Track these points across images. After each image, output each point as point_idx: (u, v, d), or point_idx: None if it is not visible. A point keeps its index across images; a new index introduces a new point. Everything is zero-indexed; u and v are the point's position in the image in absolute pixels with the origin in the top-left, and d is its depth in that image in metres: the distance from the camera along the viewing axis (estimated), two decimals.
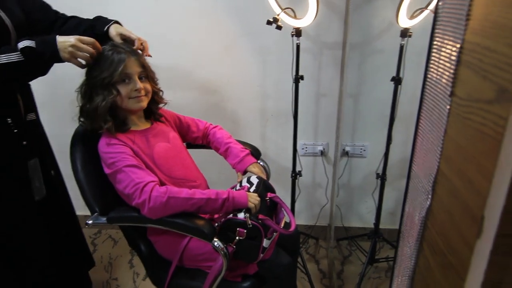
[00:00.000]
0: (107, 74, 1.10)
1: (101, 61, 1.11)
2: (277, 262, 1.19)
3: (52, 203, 1.40)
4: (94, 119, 1.13)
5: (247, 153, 1.34)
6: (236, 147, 1.35)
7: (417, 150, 0.66)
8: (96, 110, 1.11)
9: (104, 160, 1.10)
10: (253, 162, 1.33)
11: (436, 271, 0.57)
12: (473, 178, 0.46)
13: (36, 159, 1.33)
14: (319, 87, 1.87)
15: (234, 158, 1.34)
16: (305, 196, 2.06)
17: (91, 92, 1.12)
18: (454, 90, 0.53)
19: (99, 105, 1.10)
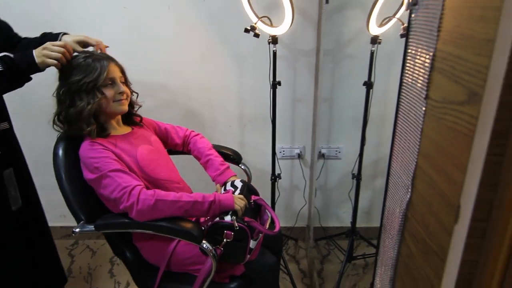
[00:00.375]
0: (91, 79, 1.12)
1: (80, 67, 1.13)
2: (262, 263, 1.23)
3: (28, 214, 1.38)
4: (77, 123, 1.14)
5: (227, 167, 1.37)
6: (216, 160, 1.38)
7: (396, 149, 0.72)
8: (80, 114, 1.12)
9: (87, 165, 1.10)
10: (233, 175, 1.36)
11: (418, 257, 0.62)
12: (449, 171, 0.52)
13: (11, 169, 1.31)
14: (295, 93, 1.93)
15: (215, 171, 1.37)
16: (283, 199, 2.11)
17: (73, 96, 1.13)
18: (429, 94, 0.59)
19: (84, 108, 1.12)
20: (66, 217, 2.23)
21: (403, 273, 0.70)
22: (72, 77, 1.13)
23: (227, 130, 1.99)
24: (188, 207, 1.08)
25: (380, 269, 0.81)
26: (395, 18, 1.52)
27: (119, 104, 1.20)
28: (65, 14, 1.77)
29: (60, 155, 1.18)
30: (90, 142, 1.13)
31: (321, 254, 2.06)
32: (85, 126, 1.14)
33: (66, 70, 1.14)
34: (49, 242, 1.54)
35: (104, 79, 1.14)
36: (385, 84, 1.82)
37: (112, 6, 1.76)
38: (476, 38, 0.46)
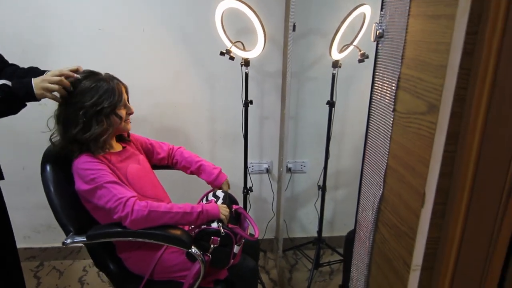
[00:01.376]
0: (109, 103, 1.17)
1: (95, 89, 1.17)
2: (244, 266, 1.32)
3: None
4: (88, 144, 1.19)
5: (219, 170, 1.48)
6: (209, 165, 1.49)
7: (367, 154, 0.87)
8: (97, 137, 1.18)
9: (83, 177, 1.15)
10: (226, 178, 1.47)
11: (391, 241, 0.76)
12: (415, 166, 0.66)
13: None
14: (263, 111, 2.07)
15: (210, 176, 1.47)
16: (253, 211, 2.21)
17: (89, 120, 1.17)
18: (396, 107, 0.74)
19: (102, 131, 1.19)
20: (31, 238, 2.17)
21: (378, 258, 0.83)
22: (88, 100, 1.16)
23: (199, 146, 2.08)
24: (178, 218, 1.16)
25: (355, 260, 0.94)
26: (353, 45, 1.73)
27: (127, 124, 1.29)
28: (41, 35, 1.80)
29: (48, 170, 1.21)
30: (86, 156, 1.18)
31: (290, 263, 2.18)
32: (93, 146, 1.19)
33: (77, 92, 1.17)
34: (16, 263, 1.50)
35: (122, 101, 1.22)
36: (344, 103, 2.01)
37: (87, 27, 1.81)
38: (432, 64, 0.61)
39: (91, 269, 2.14)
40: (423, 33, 0.64)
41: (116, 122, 1.24)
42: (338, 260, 2.10)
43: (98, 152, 1.21)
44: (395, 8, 0.74)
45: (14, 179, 1.33)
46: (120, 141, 1.37)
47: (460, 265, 0.65)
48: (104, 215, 1.21)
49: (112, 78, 1.23)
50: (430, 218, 0.65)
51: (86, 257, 2.22)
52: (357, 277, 0.94)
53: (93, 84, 1.17)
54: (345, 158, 2.16)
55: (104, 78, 1.21)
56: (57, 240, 2.21)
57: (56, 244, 2.20)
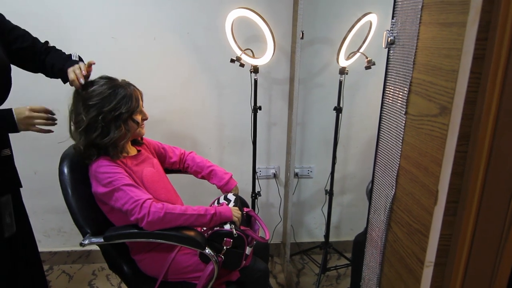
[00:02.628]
0: (125, 109, 1.21)
1: (109, 96, 1.21)
2: (255, 268, 1.34)
3: (19, 241, 1.39)
4: (107, 148, 1.22)
5: (230, 176, 1.51)
6: (220, 170, 1.52)
7: (379, 156, 0.90)
8: (115, 142, 1.22)
9: (100, 180, 1.18)
10: (236, 184, 1.50)
11: (404, 239, 0.79)
12: (428, 166, 0.69)
13: (9, 195, 1.32)
14: (270, 117, 2.11)
15: (220, 181, 1.50)
16: (260, 216, 2.22)
17: (108, 125, 1.20)
18: (408, 110, 0.77)
19: (120, 137, 1.23)
20: (41, 242, 2.20)
21: (390, 256, 0.85)
22: (106, 106, 1.20)
23: (207, 151, 2.11)
24: (192, 219, 1.19)
25: (367, 260, 0.97)
26: (359, 53, 1.77)
27: (142, 128, 1.33)
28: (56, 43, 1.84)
29: (65, 173, 1.25)
30: (103, 159, 1.21)
31: (297, 268, 2.19)
32: (112, 150, 1.23)
33: (95, 98, 1.21)
34: (39, 267, 1.54)
35: (137, 107, 1.26)
36: (350, 109, 2.05)
37: (101, 36, 1.86)
38: (444, 69, 0.65)
39: (100, 273, 2.16)
40: (434, 40, 0.68)
41: (133, 127, 1.28)
42: (345, 265, 2.12)
43: (117, 156, 1.25)
44: (406, 16, 0.78)
45: (25, 184, 1.36)
46: (134, 145, 1.41)
47: (472, 261, 0.68)
48: (119, 217, 1.24)
49: (128, 84, 1.28)
50: (443, 215, 0.68)
51: (95, 261, 2.24)
52: (369, 276, 0.96)
53: (111, 90, 1.21)
54: (351, 164, 2.18)
55: (121, 84, 1.25)
56: (67, 245, 2.24)
57: (66, 248, 2.23)
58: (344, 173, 2.21)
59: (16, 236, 1.35)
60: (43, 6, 1.79)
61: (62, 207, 1.25)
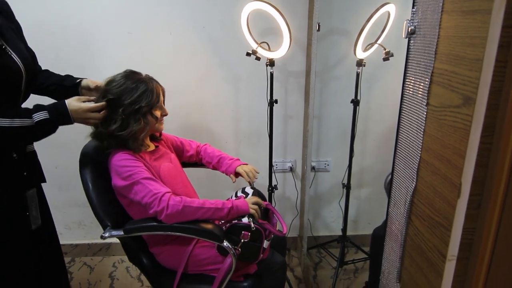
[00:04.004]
0: (145, 103, 1.23)
1: (131, 89, 1.23)
2: (273, 261, 1.35)
3: (44, 233, 1.42)
4: (127, 141, 1.24)
5: (236, 159, 1.52)
6: (226, 157, 1.53)
7: (399, 147, 0.88)
8: (134, 135, 1.24)
9: (120, 173, 1.20)
10: (242, 164, 1.50)
11: (425, 233, 0.77)
12: (451, 158, 0.68)
13: (34, 190, 1.36)
14: (286, 110, 2.10)
15: (225, 166, 1.50)
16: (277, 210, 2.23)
17: (127, 118, 1.22)
18: (429, 101, 0.75)
19: (139, 130, 1.24)
20: (62, 234, 2.25)
21: (411, 250, 0.84)
22: (127, 98, 1.21)
23: (224, 145, 2.12)
24: (210, 213, 1.20)
25: (386, 254, 0.96)
26: (377, 44, 1.74)
27: (160, 124, 1.34)
28: (73, 38, 1.88)
29: (86, 167, 1.27)
30: (123, 153, 1.23)
31: (314, 261, 2.19)
32: (132, 144, 1.24)
33: (117, 90, 1.22)
34: (61, 260, 1.57)
35: (157, 102, 1.27)
36: (367, 102, 2.02)
37: (118, 31, 1.88)
38: (467, 58, 0.63)
39: (120, 265, 2.20)
40: (457, 29, 0.66)
41: (152, 122, 1.29)
42: (363, 258, 2.10)
43: (138, 149, 1.27)
44: (427, 5, 0.76)
45: (47, 179, 1.39)
46: (152, 141, 1.42)
47: (496, 255, 0.67)
48: (138, 211, 1.26)
49: (151, 79, 1.29)
50: (466, 208, 0.66)
51: (115, 254, 2.29)
52: (389, 270, 0.95)
53: (133, 84, 1.22)
54: (368, 157, 2.16)
55: (144, 78, 1.26)
56: (87, 237, 2.29)
57: (87, 241, 2.28)
58: (362, 166, 2.18)
59: (40, 229, 1.39)
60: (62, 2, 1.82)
61: (82, 201, 1.27)
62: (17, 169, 1.26)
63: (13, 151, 1.23)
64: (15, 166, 1.25)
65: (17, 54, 1.18)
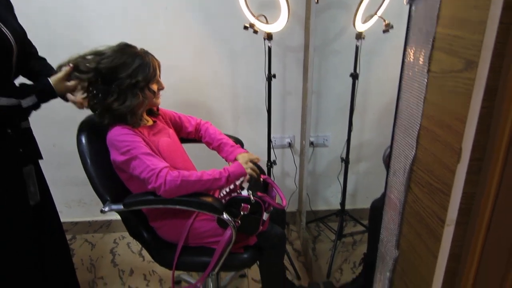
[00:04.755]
0: (142, 77, 1.21)
1: (126, 63, 1.20)
2: (272, 233, 1.36)
3: (43, 210, 1.43)
4: (125, 116, 1.23)
5: (237, 147, 1.51)
6: (228, 143, 1.51)
7: (400, 116, 0.88)
8: (131, 110, 1.23)
9: (118, 148, 1.20)
10: (243, 151, 1.49)
11: (424, 199, 0.78)
12: (451, 123, 0.68)
13: (32, 166, 1.36)
14: (285, 86, 2.08)
15: (226, 152, 1.49)
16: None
17: (124, 92, 1.21)
18: (430, 67, 0.75)
19: (137, 105, 1.24)
20: (63, 212, 2.26)
21: (410, 217, 0.85)
22: (123, 72, 1.20)
23: (222, 121, 2.11)
24: (208, 184, 1.21)
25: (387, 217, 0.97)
26: (377, 16, 1.71)
27: (157, 98, 1.33)
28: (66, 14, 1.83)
29: (84, 142, 1.26)
30: (122, 128, 1.22)
31: (313, 235, 2.22)
32: (131, 118, 1.24)
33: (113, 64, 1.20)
34: (62, 235, 1.59)
35: (154, 76, 1.25)
36: (366, 75, 2.00)
37: (113, 7, 1.84)
38: (471, 20, 0.62)
39: (121, 241, 2.23)
40: None
41: (150, 97, 1.28)
42: (361, 231, 2.13)
43: (137, 124, 1.27)
44: None
45: (45, 157, 1.39)
46: (150, 115, 1.41)
47: (494, 220, 0.67)
48: (138, 185, 1.26)
49: (147, 53, 1.27)
50: (466, 173, 0.66)
51: (116, 231, 2.31)
52: (387, 238, 0.96)
53: (129, 58, 1.20)
54: (367, 131, 2.16)
55: (139, 52, 1.24)
56: (87, 215, 2.30)
57: (87, 218, 2.30)
58: (360, 140, 2.18)
59: (39, 206, 1.40)
60: None
61: (81, 179, 1.27)
62: (13, 145, 1.26)
63: (7, 127, 1.23)
64: (10, 142, 1.25)
65: (7, 28, 1.16)
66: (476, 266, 0.70)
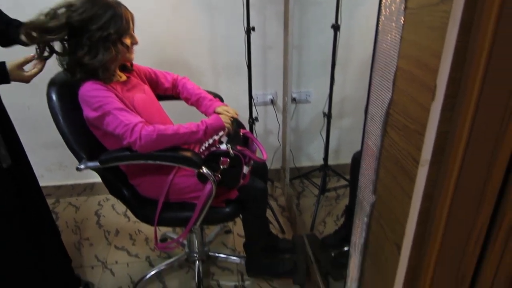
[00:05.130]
0: (114, 30, 1.15)
1: (98, 15, 1.13)
2: (254, 187, 1.36)
3: (19, 173, 1.40)
4: (97, 71, 1.17)
5: (216, 100, 1.47)
6: (206, 97, 1.47)
7: (377, 59, 0.86)
8: (104, 64, 1.17)
9: (90, 104, 1.15)
10: (222, 105, 1.46)
11: (400, 142, 0.77)
12: (428, 61, 0.66)
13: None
14: (265, 40, 2.02)
15: (205, 106, 1.46)
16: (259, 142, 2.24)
17: (96, 46, 1.15)
18: (407, 4, 0.71)
19: (109, 59, 1.17)
20: (44, 176, 2.23)
21: (386, 161, 0.85)
22: (94, 24, 1.13)
23: (202, 78, 2.06)
24: (186, 138, 1.19)
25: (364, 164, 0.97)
26: None
27: (131, 53, 1.27)
28: None
29: (54, 98, 1.21)
30: (93, 83, 1.17)
31: (297, 191, 2.25)
32: (103, 73, 1.18)
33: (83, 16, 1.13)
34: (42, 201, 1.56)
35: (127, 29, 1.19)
36: (348, 27, 1.95)
37: None
38: None
39: (106, 203, 2.23)
40: None
41: (123, 51, 1.22)
42: (344, 185, 2.17)
43: (109, 79, 1.21)
44: None
45: (19, 120, 1.33)
46: (123, 71, 1.36)
47: (467, 159, 0.67)
48: (113, 142, 1.23)
49: (119, 4, 1.19)
50: (441, 111, 0.65)
51: (100, 193, 2.30)
52: (365, 184, 0.97)
53: (100, 9, 1.13)
54: (350, 86, 2.14)
55: (111, 3, 1.17)
56: (70, 178, 2.28)
57: (69, 182, 2.28)
58: (343, 95, 2.17)
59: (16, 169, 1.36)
60: None
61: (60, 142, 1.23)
62: None
63: None
64: None
65: None
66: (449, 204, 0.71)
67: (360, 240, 1.03)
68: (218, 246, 1.85)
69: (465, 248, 0.72)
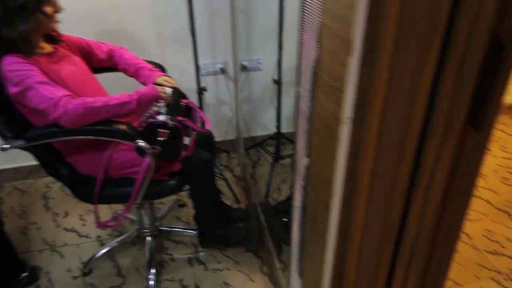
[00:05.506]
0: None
1: None
2: (198, 158, 1.33)
3: None
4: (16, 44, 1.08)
5: (156, 70, 1.40)
6: (145, 67, 1.40)
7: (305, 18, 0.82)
8: (22, 36, 1.07)
9: (10, 79, 1.06)
10: (162, 75, 1.39)
11: (326, 101, 0.76)
12: (347, 16, 0.63)
13: None
14: (211, 6, 1.93)
15: (144, 77, 1.39)
16: (211, 114, 2.19)
17: (12, 16, 1.04)
18: None
19: (27, 30, 1.07)
20: None
21: (316, 122, 0.83)
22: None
23: (146, 49, 1.96)
24: (118, 109, 1.12)
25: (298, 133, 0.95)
26: None
27: (54, 22, 1.17)
28: None
29: None
30: (13, 57, 1.08)
31: (252, 160, 2.24)
32: (23, 46, 1.09)
33: None
34: None
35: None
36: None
37: None
38: None
39: (54, 185, 2.13)
40: None
41: (44, 21, 1.12)
42: None
43: (30, 52, 1.12)
44: None
45: None
46: (49, 42, 1.26)
47: (387, 114, 0.66)
48: (41, 119, 1.15)
49: None
50: (359, 66, 0.63)
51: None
52: (301, 147, 0.96)
53: None
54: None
55: None
56: (12, 161, 2.15)
57: (12, 165, 2.15)
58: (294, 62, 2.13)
59: None
60: None
61: None
62: None
63: None
64: None
65: None
66: (372, 162, 0.71)
67: (299, 203, 1.03)
68: (172, 220, 1.83)
69: (391, 199, 0.73)
